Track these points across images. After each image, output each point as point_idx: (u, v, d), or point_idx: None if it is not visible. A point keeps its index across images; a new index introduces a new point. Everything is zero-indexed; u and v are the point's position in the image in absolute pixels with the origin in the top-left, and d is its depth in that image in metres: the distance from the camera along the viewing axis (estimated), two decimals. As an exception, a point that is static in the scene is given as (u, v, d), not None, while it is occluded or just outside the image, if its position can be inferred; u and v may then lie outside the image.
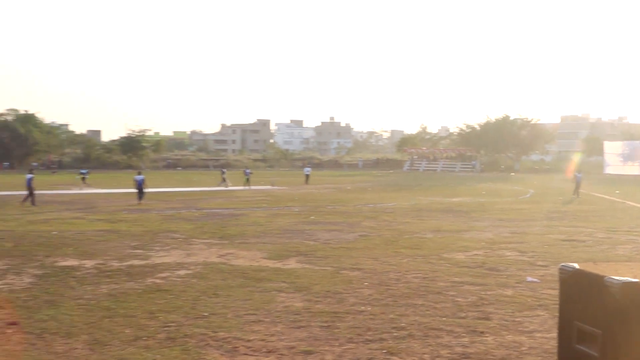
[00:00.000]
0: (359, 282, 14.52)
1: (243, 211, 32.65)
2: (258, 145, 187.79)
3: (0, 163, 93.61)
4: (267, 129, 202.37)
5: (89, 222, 26.69)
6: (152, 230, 24.19)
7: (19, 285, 13.89)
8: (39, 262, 16.90)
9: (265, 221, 27.75)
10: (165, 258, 17.75)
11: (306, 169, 66.48)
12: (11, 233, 22.74)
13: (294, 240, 21.75)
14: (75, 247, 19.58)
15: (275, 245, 20.33)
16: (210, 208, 34.35)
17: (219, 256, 18.20)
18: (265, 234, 23.40)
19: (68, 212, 31.31)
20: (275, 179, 63.67)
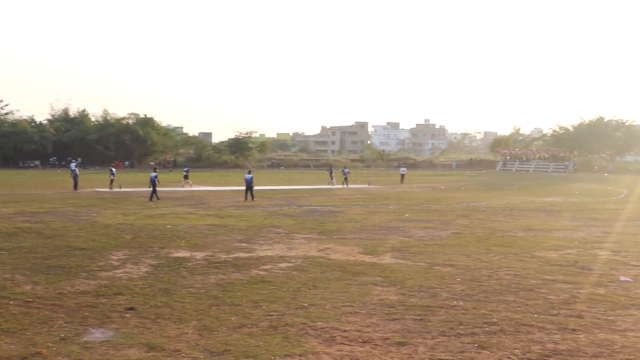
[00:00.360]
0: (452, 278, 14.30)
1: (341, 208, 32.74)
2: (356, 146, 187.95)
3: (122, 162, 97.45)
4: (365, 131, 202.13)
5: (199, 217, 27.42)
6: (257, 225, 24.60)
7: (137, 274, 14.42)
8: (154, 253, 17.50)
9: (362, 218, 27.73)
10: (268, 251, 18.02)
11: (402, 169, 65.99)
12: (130, 226, 23.65)
13: (389, 236, 21.64)
14: (187, 239, 20.16)
15: (371, 241, 20.29)
16: (311, 205, 34.62)
17: (318, 250, 18.32)
18: (361, 230, 23.39)
19: (181, 207, 32.28)
20: (372, 178, 63.53)
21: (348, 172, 58.76)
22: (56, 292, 12.47)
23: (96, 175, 69.11)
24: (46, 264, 15.54)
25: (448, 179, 73.11)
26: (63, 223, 24.29)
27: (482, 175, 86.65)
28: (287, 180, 66.06)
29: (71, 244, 18.85)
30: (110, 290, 12.69)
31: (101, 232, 21.59)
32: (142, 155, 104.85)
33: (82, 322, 10.34)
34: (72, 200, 35.73)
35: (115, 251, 17.60)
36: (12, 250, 17.48)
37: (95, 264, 15.53)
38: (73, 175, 45.67)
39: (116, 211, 29.49)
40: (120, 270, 14.87)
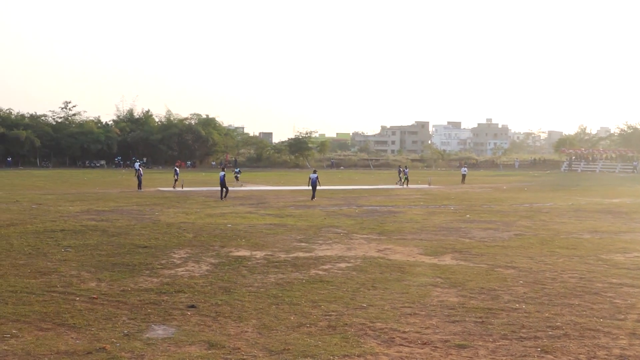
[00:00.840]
0: (514, 280, 14.06)
1: (401, 209, 32.57)
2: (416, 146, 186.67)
3: (184, 162, 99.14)
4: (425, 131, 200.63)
5: (259, 217, 27.69)
6: (316, 225, 24.69)
7: (198, 272, 14.65)
8: (215, 251, 17.74)
9: (422, 218, 27.54)
10: (327, 251, 18.06)
11: (463, 169, 65.22)
12: (192, 225, 24.04)
13: (449, 237, 21.44)
14: (247, 239, 20.38)
15: (431, 242, 20.13)
16: (370, 205, 34.55)
17: (377, 251, 18.27)
18: (421, 230, 23.23)
19: (242, 207, 32.64)
20: (432, 179, 62.96)
21: (407, 171, 58.31)
22: (120, 289, 12.78)
23: (159, 175, 70.53)
24: (111, 261, 15.94)
25: (510, 179, 71.89)
26: (127, 221, 24.87)
27: (546, 175, 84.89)
28: (346, 180, 66.08)
29: (135, 242, 19.28)
30: (172, 288, 12.93)
31: (163, 231, 22.02)
32: (204, 155, 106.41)
33: (145, 319, 10.57)
34: (136, 199, 36.56)
35: (177, 249, 17.92)
36: (78, 248, 17.99)
37: (158, 262, 15.84)
38: (137, 174, 46.66)
39: (178, 210, 30.03)
40: (182, 268, 15.13)
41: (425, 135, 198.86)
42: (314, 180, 39.13)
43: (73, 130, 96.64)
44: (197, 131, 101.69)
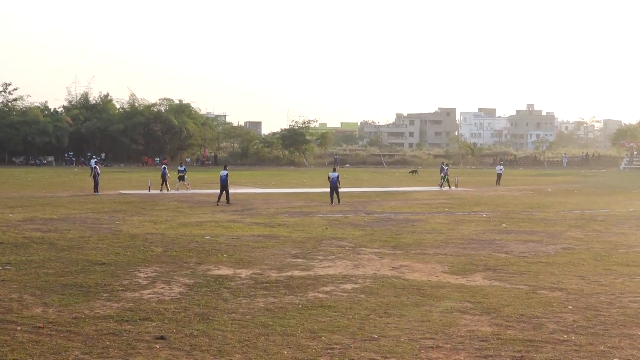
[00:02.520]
0: (561, 305, 14.06)
1: (420, 216, 32.56)
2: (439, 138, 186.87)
3: (151, 158, 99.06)
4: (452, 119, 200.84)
5: (245, 226, 27.67)
6: (316, 236, 24.69)
7: (169, 296, 14.63)
8: (189, 269, 17.73)
9: (446, 228, 27.53)
10: (329, 269, 18.05)
11: (498, 167, 65.23)
12: (161, 237, 24.02)
13: (481, 252, 21.43)
14: (229, 253, 20.36)
15: (458, 258, 20.12)
16: (382, 212, 34.54)
17: (391, 268, 18.27)
18: (446, 243, 23.22)
19: (223, 214, 32.62)
20: (460, 179, 62.95)
21: (447, 169, 57.91)
22: (72, 317, 12.76)
23: (121, 174, 70.57)
24: (60, 281, 15.92)
25: (557, 179, 71.93)
26: (81, 232, 24.85)
27: (602, 174, 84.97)
28: (353, 180, 66.09)
29: (90, 257, 19.27)
30: (137, 314, 12.92)
31: (126, 244, 22.01)
32: (176, 150, 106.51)
33: (103, 354, 10.56)
34: (91, 204, 36.57)
35: (143, 267, 17.91)
36: (20, 265, 17.98)
37: (119, 283, 15.83)
38: (93, 174, 46.68)
39: (144, 218, 30.02)
40: (149, 290, 15.11)
41: (451, 125, 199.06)
42: (334, 180, 38.86)
43: (14, 119, 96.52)
44: (168, 120, 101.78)
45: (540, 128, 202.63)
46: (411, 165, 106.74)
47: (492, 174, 71.03)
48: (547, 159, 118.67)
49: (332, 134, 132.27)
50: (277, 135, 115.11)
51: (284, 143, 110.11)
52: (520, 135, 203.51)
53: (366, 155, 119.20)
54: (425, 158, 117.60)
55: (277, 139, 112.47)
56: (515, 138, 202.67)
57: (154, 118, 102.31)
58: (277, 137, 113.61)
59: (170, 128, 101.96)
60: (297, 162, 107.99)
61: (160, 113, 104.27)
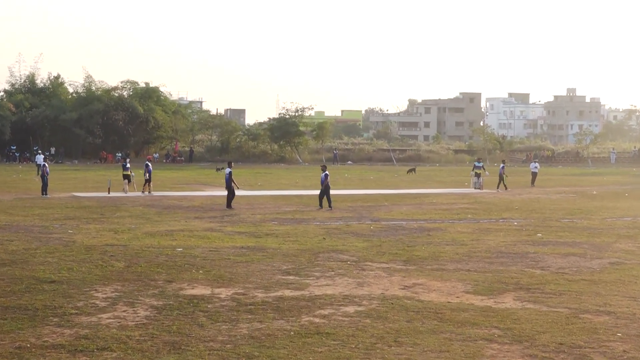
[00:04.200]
0: (608, 332, 14.05)
1: (438, 224, 32.54)
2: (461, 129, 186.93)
3: (111, 154, 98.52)
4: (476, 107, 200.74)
5: (225, 236, 27.64)
6: (311, 248, 24.67)
7: (133, 320, 14.60)
8: (158, 289, 17.70)
9: (469, 239, 27.54)
10: (327, 288, 18.05)
11: (533, 165, 65.16)
12: (123, 249, 23.96)
13: (511, 267, 21.44)
14: (206, 269, 20.34)
15: (483, 274, 20.13)
16: (392, 219, 34.50)
17: (402, 287, 18.27)
18: (469, 257, 23.23)
19: (198, 221, 32.57)
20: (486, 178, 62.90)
21: (503, 167, 57.34)
22: (15, 346, 12.73)
23: (75, 173, 70.42)
24: (1, 303, 15.88)
25: (604, 179, 71.94)
26: (26, 244, 24.80)
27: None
28: (356, 181, 66.05)
29: (37, 274, 19.22)
30: (94, 343, 12.89)
31: (81, 258, 21.96)
32: (142, 144, 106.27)
33: (52, 391, 10.53)
34: (39, 209, 36.50)
35: (102, 286, 17.88)
36: (-47, 283, 17.94)
37: (72, 305, 15.79)
38: (41, 172, 46.58)
39: (103, 226, 29.98)
40: (109, 314, 15.08)
41: (476, 114, 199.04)
42: (323, 181, 39.25)
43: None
44: (132, 107, 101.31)
45: (584, 117, 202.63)
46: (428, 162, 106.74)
47: (525, 173, 71.01)
48: (592, 155, 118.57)
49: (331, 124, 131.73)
50: (264, 126, 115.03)
51: (273, 135, 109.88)
52: (559, 126, 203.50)
53: (372, 150, 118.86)
54: (444, 154, 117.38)
55: (264, 131, 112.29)
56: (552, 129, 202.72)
57: (115, 105, 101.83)
58: (264, 128, 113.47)
59: (135, 117, 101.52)
60: (289, 159, 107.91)
61: (123, 99, 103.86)
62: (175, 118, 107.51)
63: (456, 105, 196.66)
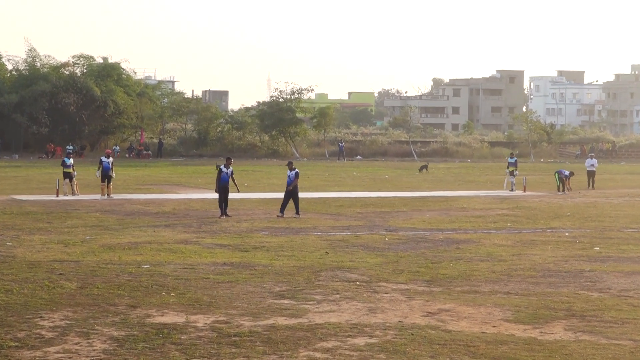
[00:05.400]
0: (684, 371, 14.06)
1: (470, 234, 32.54)
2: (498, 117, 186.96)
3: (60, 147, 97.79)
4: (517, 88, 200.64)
5: (203, 250, 27.64)
6: (310, 265, 24.67)
7: (87, 355, 14.59)
8: (119, 315, 17.65)
9: (509, 254, 27.53)
10: (331, 315, 18.02)
11: (589, 161, 64.95)
12: (75, 266, 23.92)
13: (561, 289, 21.43)
14: (179, 291, 20.34)
15: (527, 298, 20.12)
16: (412, 228, 34.48)
17: (425, 314, 18.25)
18: (508, 276, 23.22)
19: (169, 231, 32.57)
20: (529, 178, 62.86)
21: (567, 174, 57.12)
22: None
23: (15, 171, 70.42)
24: None
25: (677, 179, 71.89)
26: (-47, 259, 24.82)
27: None
28: (367, 180, 66.06)
29: (-32, 297, 19.23)
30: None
31: (22, 277, 21.95)
32: (99, 134, 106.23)
33: None
34: (-30, 216, 36.51)
35: (48, 312, 17.84)
36: None
37: (12, 336, 15.77)
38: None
39: (50, 237, 29.99)
40: (57, 347, 15.07)
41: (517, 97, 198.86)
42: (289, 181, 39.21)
43: None
44: (87, 88, 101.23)
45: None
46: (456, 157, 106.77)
47: (579, 171, 70.86)
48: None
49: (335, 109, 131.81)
50: (251, 112, 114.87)
51: (263, 124, 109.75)
52: (622, 113, 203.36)
53: (387, 143, 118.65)
54: (477, 147, 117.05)
55: (251, 118, 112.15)
56: (613, 116, 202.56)
57: (65, 85, 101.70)
58: (252, 114, 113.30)
59: (90, 101, 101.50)
60: (283, 153, 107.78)
61: (75, 78, 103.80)
62: (140, 102, 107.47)
63: (492, 86, 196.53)
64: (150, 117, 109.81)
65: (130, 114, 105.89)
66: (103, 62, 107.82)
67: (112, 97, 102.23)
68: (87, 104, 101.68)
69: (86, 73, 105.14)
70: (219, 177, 38.50)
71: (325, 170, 79.90)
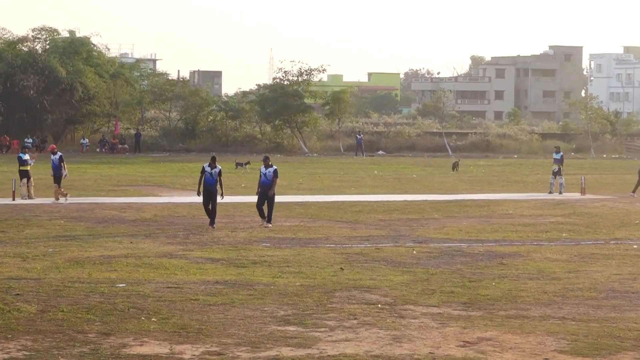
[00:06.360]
0: None
1: (516, 247, 32.53)
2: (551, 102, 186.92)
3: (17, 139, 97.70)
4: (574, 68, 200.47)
5: (192, 265, 27.72)
6: (322, 284, 24.73)
7: (49, 394, 14.62)
8: (88, 345, 17.65)
9: (564, 270, 27.53)
10: (346, 345, 18.02)
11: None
12: (36, 284, 23.98)
13: (629, 313, 21.42)
14: (162, 316, 20.34)
15: (586, 324, 20.09)
16: (445, 239, 34.50)
17: (462, 344, 18.25)
18: (563, 297, 23.22)
19: (150, 242, 32.61)
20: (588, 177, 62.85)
21: None
22: None
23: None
24: None
25: None
26: None
27: None
28: (391, 181, 66.20)
29: None
30: None
31: (-29, 298, 22.02)
32: (64, 124, 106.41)
33: None
34: None
35: (2, 340, 17.85)
36: None
37: (-43, 370, 15.82)
38: None
39: (4, 250, 30.12)
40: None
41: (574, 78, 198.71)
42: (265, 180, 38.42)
43: None
44: (50, 68, 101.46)
45: None
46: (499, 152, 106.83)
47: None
48: None
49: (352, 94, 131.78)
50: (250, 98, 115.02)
51: (264, 111, 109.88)
52: None
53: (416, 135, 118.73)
54: (526, 139, 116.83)
55: (250, 105, 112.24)
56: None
57: (23, 65, 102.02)
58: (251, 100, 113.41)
59: (54, 83, 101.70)
60: (288, 147, 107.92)
61: (35, 56, 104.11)
62: (115, 85, 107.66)
63: (544, 66, 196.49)
64: (127, 103, 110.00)
65: (103, 100, 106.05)
66: (69, 36, 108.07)
67: (80, 79, 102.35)
68: (50, 88, 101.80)
69: (49, 50, 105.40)
70: (201, 179, 38.04)
71: (340, 168, 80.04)
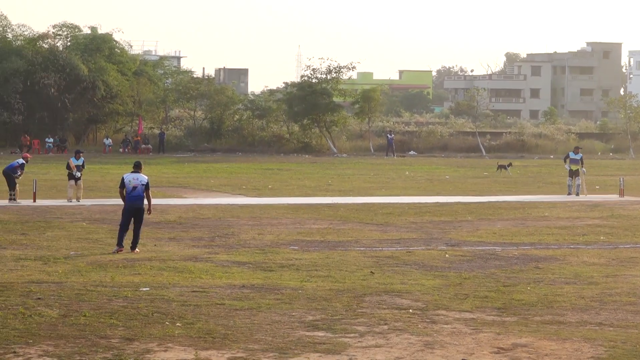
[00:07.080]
0: None
1: (552, 250, 32.47)
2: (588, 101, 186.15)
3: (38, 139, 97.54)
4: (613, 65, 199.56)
5: (217, 269, 27.79)
6: (352, 288, 24.72)
7: (72, 401, 14.66)
8: (112, 351, 17.67)
9: (602, 275, 27.46)
10: (376, 351, 18.00)
11: None
12: (57, 288, 24.03)
13: (671, 321, 21.32)
14: (187, 321, 20.37)
15: (625, 331, 20.03)
16: (479, 242, 34.42)
17: (496, 350, 18.22)
18: (601, 302, 23.16)
19: (175, 244, 32.64)
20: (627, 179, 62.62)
21: None
22: None
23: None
24: None
25: None
26: None
27: None
28: (423, 182, 66.13)
29: None
30: None
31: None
32: (86, 123, 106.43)
33: None
34: None
35: (23, 346, 17.90)
36: None
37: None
38: None
39: (25, 252, 30.18)
40: (34, 390, 15.14)
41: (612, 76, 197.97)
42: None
43: None
44: (71, 66, 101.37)
45: None
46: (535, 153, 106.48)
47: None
48: None
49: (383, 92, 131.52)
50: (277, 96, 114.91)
51: (292, 110, 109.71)
52: None
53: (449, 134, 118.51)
54: (562, 139, 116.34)
55: (277, 103, 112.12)
56: None
57: (44, 63, 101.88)
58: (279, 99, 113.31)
59: (75, 81, 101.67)
60: (317, 147, 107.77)
61: (56, 53, 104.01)
62: (138, 83, 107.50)
63: (582, 63, 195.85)
64: (151, 102, 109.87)
65: (126, 98, 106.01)
66: (91, 33, 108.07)
67: (102, 76, 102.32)
68: (72, 86, 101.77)
69: (70, 47, 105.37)
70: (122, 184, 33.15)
71: (370, 169, 79.94)
